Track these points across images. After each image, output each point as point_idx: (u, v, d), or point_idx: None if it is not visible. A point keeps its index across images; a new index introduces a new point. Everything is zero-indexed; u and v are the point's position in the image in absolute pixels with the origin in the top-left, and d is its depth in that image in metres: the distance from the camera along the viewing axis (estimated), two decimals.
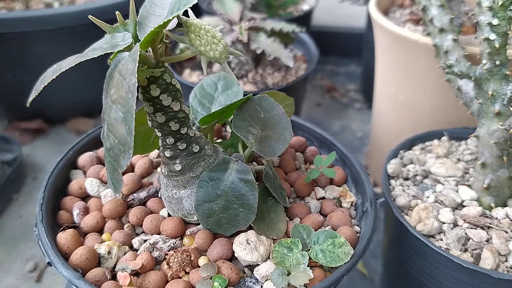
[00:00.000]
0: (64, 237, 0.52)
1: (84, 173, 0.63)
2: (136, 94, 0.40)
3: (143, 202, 0.59)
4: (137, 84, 0.40)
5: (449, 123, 0.85)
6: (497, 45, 0.60)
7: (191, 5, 0.41)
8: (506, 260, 0.60)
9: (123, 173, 0.61)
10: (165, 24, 0.42)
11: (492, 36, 0.60)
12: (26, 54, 1.13)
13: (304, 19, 1.37)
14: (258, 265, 0.51)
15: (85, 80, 1.19)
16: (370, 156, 1.13)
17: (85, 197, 0.60)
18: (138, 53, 0.41)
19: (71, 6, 1.15)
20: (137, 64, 0.40)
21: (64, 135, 1.26)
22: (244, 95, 0.60)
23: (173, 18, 0.42)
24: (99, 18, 0.45)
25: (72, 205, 0.58)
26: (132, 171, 0.63)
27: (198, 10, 1.38)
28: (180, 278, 0.50)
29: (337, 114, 1.39)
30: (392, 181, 0.71)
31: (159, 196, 0.59)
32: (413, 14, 0.95)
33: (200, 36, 0.45)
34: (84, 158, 0.63)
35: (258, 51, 0.93)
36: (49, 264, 0.48)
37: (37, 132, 1.25)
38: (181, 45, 1.00)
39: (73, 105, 1.27)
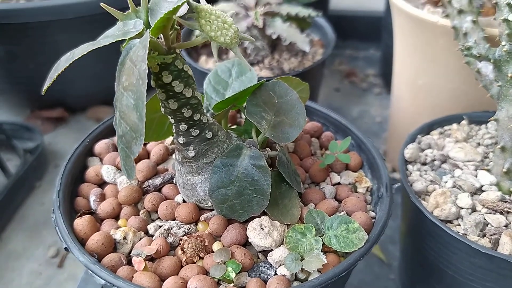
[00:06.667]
0: (81, 223, 0.52)
1: (101, 160, 0.64)
2: (147, 81, 0.40)
3: (158, 189, 0.59)
4: (147, 71, 0.40)
5: (469, 107, 0.83)
6: None
7: None
8: None
9: (139, 160, 0.61)
10: (175, 10, 0.42)
11: (511, 17, 0.59)
12: (47, 44, 1.14)
13: (321, 3, 1.35)
14: (271, 250, 0.51)
15: (104, 69, 1.18)
16: (389, 142, 1.12)
17: (102, 183, 0.61)
18: (149, 40, 0.41)
19: None
20: (148, 51, 0.40)
21: (85, 123, 1.27)
22: (258, 81, 0.59)
23: (182, 4, 0.42)
24: (113, 6, 0.45)
25: (89, 192, 0.59)
26: (148, 157, 0.64)
27: None
28: (194, 263, 0.50)
29: (356, 99, 1.38)
30: (409, 166, 0.70)
31: (174, 182, 0.59)
32: None
33: (210, 22, 0.45)
34: (100, 146, 0.64)
35: (274, 36, 0.92)
36: (66, 249, 0.49)
37: (58, 121, 1.27)
38: (197, 32, 1.00)
39: (93, 94, 1.28)
